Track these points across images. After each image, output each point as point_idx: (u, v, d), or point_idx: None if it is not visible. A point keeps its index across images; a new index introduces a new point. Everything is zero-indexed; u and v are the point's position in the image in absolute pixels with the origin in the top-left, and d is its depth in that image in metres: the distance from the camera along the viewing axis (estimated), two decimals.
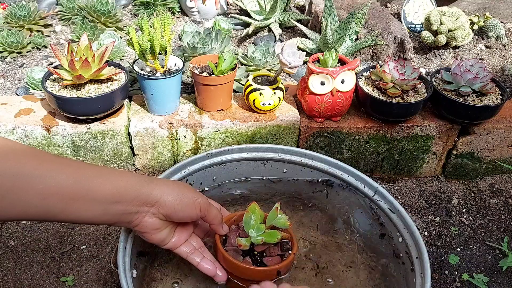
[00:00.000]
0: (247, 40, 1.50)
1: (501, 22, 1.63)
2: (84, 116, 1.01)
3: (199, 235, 0.74)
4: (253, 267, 0.70)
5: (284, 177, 0.94)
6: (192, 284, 0.77)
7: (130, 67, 1.06)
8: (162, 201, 0.60)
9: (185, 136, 1.08)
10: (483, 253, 1.02)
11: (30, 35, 1.39)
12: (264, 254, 0.72)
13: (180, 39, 1.38)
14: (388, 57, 1.08)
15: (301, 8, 1.71)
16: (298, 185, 0.94)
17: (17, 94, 1.18)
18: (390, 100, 1.05)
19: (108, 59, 1.04)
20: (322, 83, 1.02)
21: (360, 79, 1.13)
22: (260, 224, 0.71)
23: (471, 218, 1.11)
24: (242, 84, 1.19)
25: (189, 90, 1.22)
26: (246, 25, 1.52)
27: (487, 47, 1.56)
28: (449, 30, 1.44)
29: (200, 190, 0.91)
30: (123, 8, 1.59)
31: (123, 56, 1.36)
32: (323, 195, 0.92)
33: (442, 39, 1.44)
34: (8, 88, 1.21)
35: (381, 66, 1.10)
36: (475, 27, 1.60)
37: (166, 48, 1.00)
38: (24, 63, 1.31)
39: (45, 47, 1.39)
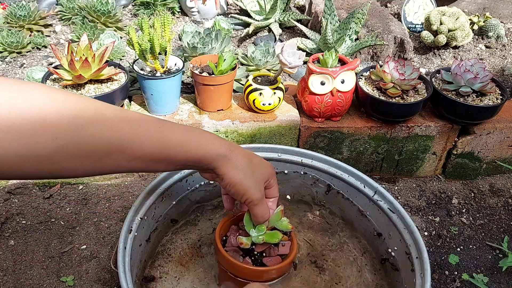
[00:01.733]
0: (247, 40, 1.50)
1: (501, 22, 1.63)
2: None
3: (228, 206, 0.75)
4: (253, 267, 0.69)
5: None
6: (191, 283, 0.77)
7: (130, 67, 1.06)
8: (220, 178, 0.65)
9: None
10: (483, 253, 1.02)
11: (30, 35, 1.39)
12: (264, 254, 0.72)
13: (180, 39, 1.38)
14: (388, 57, 1.08)
15: (301, 8, 1.71)
16: (298, 185, 0.94)
17: None
18: (390, 100, 1.05)
19: (108, 59, 1.04)
20: (322, 83, 1.02)
21: (360, 79, 1.13)
22: (261, 224, 0.71)
23: (471, 218, 1.11)
24: (242, 84, 1.19)
25: (189, 90, 1.22)
26: (246, 25, 1.52)
27: (487, 47, 1.56)
28: (449, 30, 1.44)
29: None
30: (123, 8, 1.59)
31: (123, 56, 1.36)
32: (323, 195, 0.92)
33: (442, 39, 1.44)
34: None
35: (381, 66, 1.10)
36: (475, 27, 1.60)
37: (166, 48, 1.00)
38: (24, 63, 1.31)
39: (45, 47, 1.39)
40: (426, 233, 1.05)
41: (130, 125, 0.54)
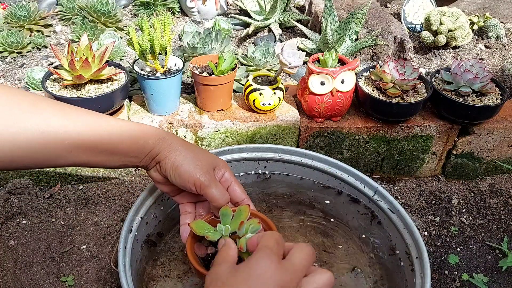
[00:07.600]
0: (247, 40, 1.50)
1: (501, 22, 1.63)
2: None
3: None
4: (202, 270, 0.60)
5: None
6: (193, 282, 0.77)
7: (130, 67, 1.06)
8: (163, 164, 0.64)
9: (185, 136, 1.08)
10: (483, 253, 1.02)
11: (30, 35, 1.39)
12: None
13: (180, 39, 1.38)
14: (388, 57, 1.08)
15: (301, 8, 1.71)
16: (298, 186, 0.94)
17: None
18: (390, 100, 1.05)
19: (108, 59, 1.04)
20: (322, 83, 1.03)
21: (360, 79, 1.13)
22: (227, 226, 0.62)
23: (471, 218, 1.11)
24: (242, 84, 1.19)
25: (189, 90, 1.22)
26: (246, 25, 1.52)
27: (487, 47, 1.56)
28: (449, 30, 1.44)
29: None
30: (123, 8, 1.59)
31: (123, 56, 1.36)
32: (323, 196, 0.92)
33: (442, 39, 1.44)
34: None
35: (381, 66, 1.10)
36: (475, 27, 1.60)
37: (166, 48, 1.00)
38: (24, 63, 1.31)
39: (45, 47, 1.39)
40: (426, 233, 1.06)
41: (70, 115, 0.56)
